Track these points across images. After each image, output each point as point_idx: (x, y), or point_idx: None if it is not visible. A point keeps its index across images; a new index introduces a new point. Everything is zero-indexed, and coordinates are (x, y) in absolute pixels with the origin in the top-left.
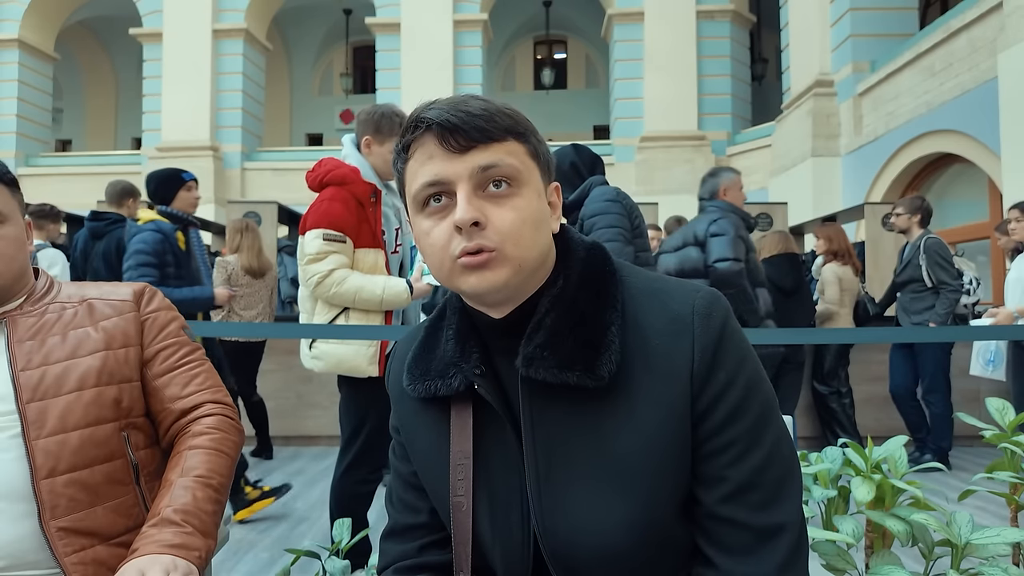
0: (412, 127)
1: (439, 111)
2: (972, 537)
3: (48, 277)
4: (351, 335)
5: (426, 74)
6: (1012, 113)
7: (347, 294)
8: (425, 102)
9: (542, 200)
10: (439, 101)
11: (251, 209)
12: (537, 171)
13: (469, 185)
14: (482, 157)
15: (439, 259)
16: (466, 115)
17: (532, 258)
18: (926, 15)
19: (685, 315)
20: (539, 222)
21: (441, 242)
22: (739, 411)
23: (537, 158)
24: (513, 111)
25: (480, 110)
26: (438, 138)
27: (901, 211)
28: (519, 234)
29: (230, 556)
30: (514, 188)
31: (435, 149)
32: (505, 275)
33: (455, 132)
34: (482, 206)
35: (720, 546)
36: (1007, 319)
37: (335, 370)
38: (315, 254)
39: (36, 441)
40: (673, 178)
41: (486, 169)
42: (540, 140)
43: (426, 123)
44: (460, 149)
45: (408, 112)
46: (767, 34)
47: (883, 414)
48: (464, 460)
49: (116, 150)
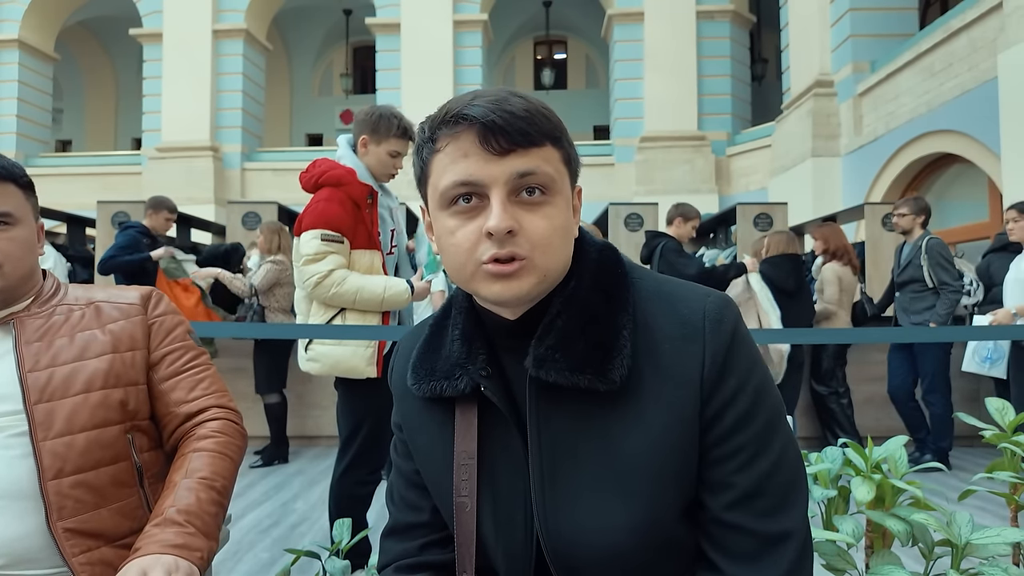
0: (452, 120)
1: (483, 108)
2: (972, 537)
3: (55, 279)
4: (352, 335)
5: (426, 74)
6: (1012, 113)
7: (347, 294)
8: (464, 95)
9: (570, 208)
10: (480, 96)
11: (251, 210)
12: (568, 178)
13: (504, 191)
14: (521, 163)
15: (461, 261)
16: (510, 116)
17: (558, 268)
18: (926, 15)
19: (696, 320)
20: (568, 232)
21: (467, 244)
22: (748, 417)
23: (569, 164)
24: (550, 111)
25: (523, 111)
26: (479, 137)
27: (905, 211)
28: (549, 244)
29: (230, 556)
30: (547, 196)
31: (472, 147)
32: (530, 284)
33: (498, 133)
34: (516, 213)
35: (725, 552)
36: (1006, 319)
37: (332, 372)
38: (313, 254)
39: (43, 443)
40: (673, 178)
41: (523, 175)
42: (571, 143)
43: (468, 119)
44: (500, 151)
45: (406, 113)
46: (767, 34)
47: (883, 414)
48: (468, 460)
49: (116, 150)
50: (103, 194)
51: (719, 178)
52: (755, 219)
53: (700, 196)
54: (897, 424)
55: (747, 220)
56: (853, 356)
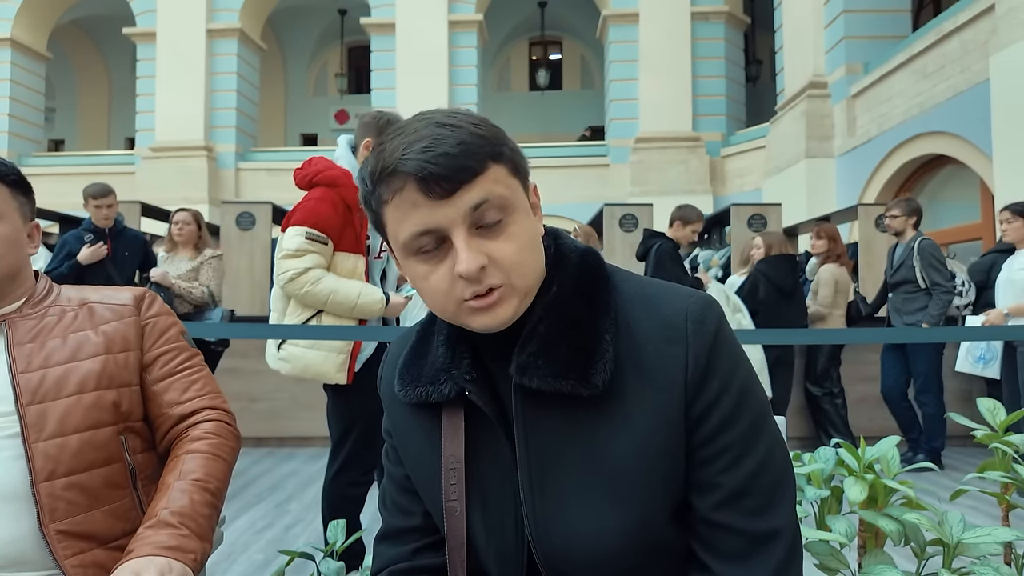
0: (388, 176)
1: (416, 161)
2: (964, 536)
3: (47, 280)
4: (335, 336)
5: (421, 74)
6: (1004, 115)
7: (320, 294)
8: (394, 143)
9: (530, 216)
10: (410, 144)
11: (245, 210)
12: (520, 187)
13: (464, 228)
14: (470, 196)
15: (442, 303)
16: (444, 157)
17: (535, 281)
18: (919, 17)
19: (678, 321)
20: (535, 243)
21: (443, 287)
22: (733, 417)
23: (517, 172)
24: (484, 126)
25: (456, 145)
26: (421, 187)
27: (897, 213)
28: (522, 264)
29: (224, 558)
30: (506, 216)
31: (418, 197)
32: (513, 308)
33: (439, 180)
34: (481, 245)
35: (714, 552)
36: (998, 319)
37: (302, 375)
38: (294, 250)
39: (36, 444)
40: (668, 179)
41: (478, 207)
42: (513, 148)
43: (403, 174)
44: (446, 193)
45: (402, 115)
46: (761, 36)
47: (876, 414)
48: (456, 465)
49: (109, 150)
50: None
51: (713, 179)
52: (749, 220)
53: (694, 197)
54: (890, 424)
55: (741, 221)
56: (847, 356)
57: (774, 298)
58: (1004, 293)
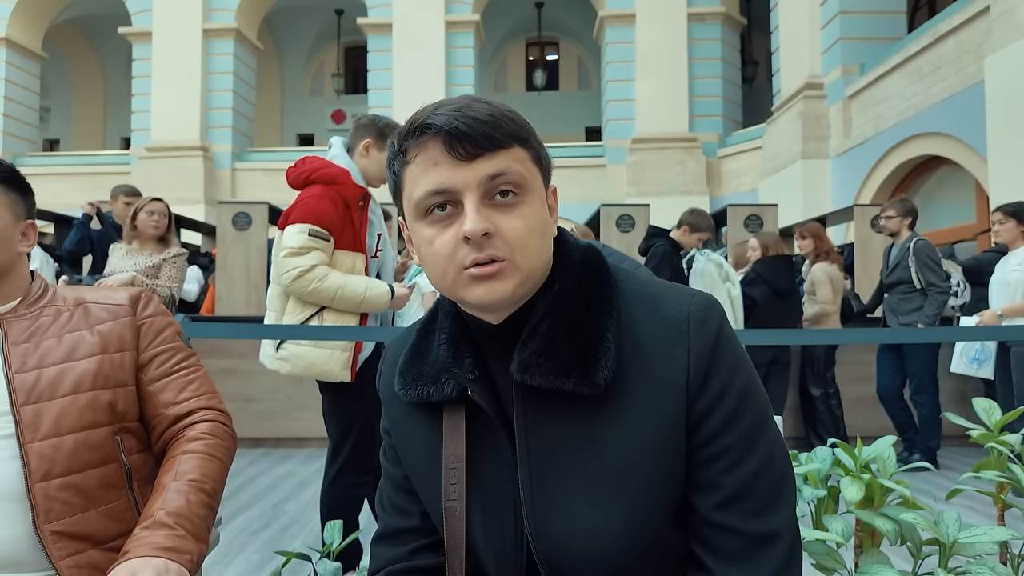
0: (417, 131)
1: (446, 117)
2: (960, 536)
3: (42, 280)
4: (335, 336)
5: (418, 75)
6: (998, 116)
7: (328, 291)
8: (428, 105)
9: (545, 206)
10: (443, 105)
11: (241, 210)
12: (540, 176)
13: (477, 194)
14: (490, 165)
15: (442, 269)
16: (474, 121)
17: (539, 267)
18: (914, 19)
19: (680, 321)
20: (545, 230)
21: (446, 251)
22: (734, 418)
23: (539, 163)
24: (515, 114)
25: (487, 115)
26: (445, 145)
27: (892, 213)
28: (527, 243)
29: (221, 559)
30: (521, 196)
31: (440, 156)
32: (513, 285)
33: (463, 139)
34: (491, 215)
35: (714, 552)
36: (992, 320)
37: (304, 373)
38: (297, 248)
39: (31, 445)
40: (664, 180)
41: (494, 178)
42: (540, 143)
43: (432, 128)
44: (468, 157)
45: (398, 114)
46: (758, 37)
47: (872, 414)
48: (457, 464)
49: (105, 150)
50: (91, 194)
51: (710, 179)
52: (745, 220)
53: (691, 197)
54: (886, 424)
55: (738, 221)
56: (842, 357)
57: (770, 299)
58: (998, 293)
